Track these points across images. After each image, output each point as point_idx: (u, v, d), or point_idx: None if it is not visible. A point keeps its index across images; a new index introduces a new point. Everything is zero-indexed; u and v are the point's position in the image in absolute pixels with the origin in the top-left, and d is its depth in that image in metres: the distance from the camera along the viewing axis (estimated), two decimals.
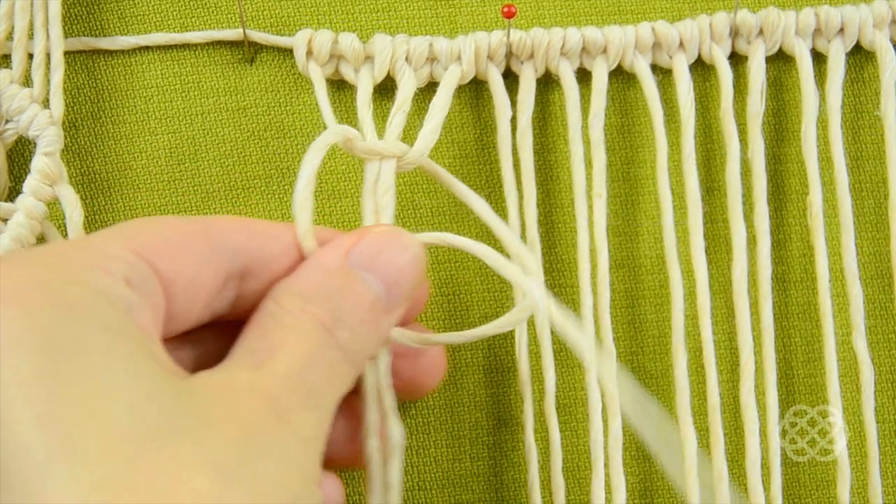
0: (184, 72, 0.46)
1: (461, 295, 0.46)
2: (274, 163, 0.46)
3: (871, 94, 0.46)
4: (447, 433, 0.46)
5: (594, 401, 0.44)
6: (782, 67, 0.46)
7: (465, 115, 0.46)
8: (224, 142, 0.46)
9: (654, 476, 0.46)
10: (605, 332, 0.44)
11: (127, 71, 0.46)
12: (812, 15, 0.45)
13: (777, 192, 0.46)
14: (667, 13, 0.46)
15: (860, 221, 0.46)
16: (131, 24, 0.46)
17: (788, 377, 0.46)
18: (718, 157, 0.46)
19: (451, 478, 0.46)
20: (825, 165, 0.45)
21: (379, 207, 0.41)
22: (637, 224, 0.46)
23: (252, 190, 0.46)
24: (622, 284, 0.46)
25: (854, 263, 0.44)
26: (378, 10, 0.46)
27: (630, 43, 0.45)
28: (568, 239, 0.46)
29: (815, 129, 0.45)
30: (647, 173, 0.46)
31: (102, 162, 0.46)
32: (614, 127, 0.46)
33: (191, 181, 0.46)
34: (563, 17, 0.46)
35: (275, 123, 0.46)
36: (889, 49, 0.45)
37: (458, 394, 0.46)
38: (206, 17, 0.46)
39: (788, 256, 0.46)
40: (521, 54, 0.45)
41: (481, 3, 0.46)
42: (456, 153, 0.46)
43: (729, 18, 0.45)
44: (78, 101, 0.46)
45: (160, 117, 0.46)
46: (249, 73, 0.46)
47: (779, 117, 0.46)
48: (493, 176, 0.46)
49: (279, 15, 0.46)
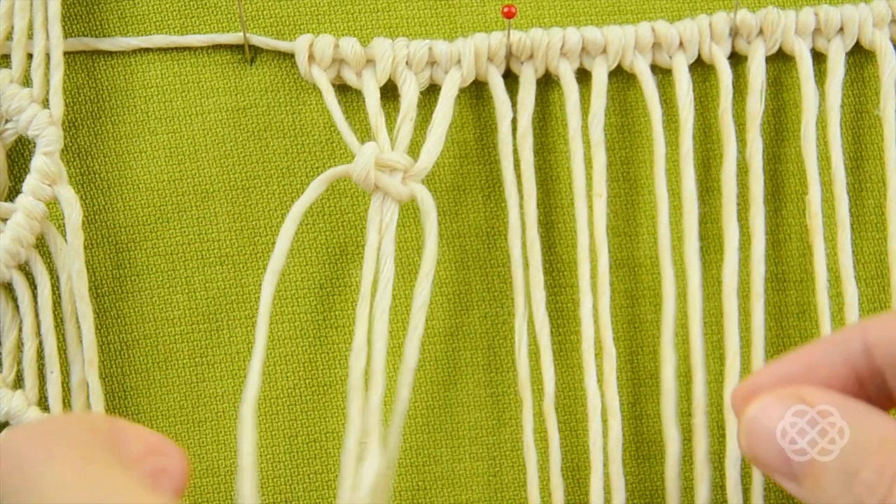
0: (184, 72, 0.46)
1: (461, 295, 0.46)
2: (274, 163, 0.46)
3: (871, 94, 0.46)
4: (447, 433, 0.46)
5: (594, 401, 0.44)
6: (782, 67, 0.46)
7: (466, 115, 0.46)
8: (224, 142, 0.46)
9: (654, 476, 0.46)
10: (605, 331, 0.44)
11: (127, 71, 0.46)
12: (812, 14, 0.45)
13: (776, 192, 0.46)
14: (666, 13, 0.46)
15: (860, 221, 0.46)
16: (131, 25, 0.46)
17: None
18: (718, 156, 0.46)
19: (451, 478, 0.46)
20: (825, 165, 0.45)
21: (383, 222, 0.43)
22: (637, 224, 0.46)
23: (252, 190, 0.46)
24: (622, 284, 0.46)
25: (850, 263, 0.44)
26: (378, 11, 0.46)
27: (630, 43, 0.45)
28: (568, 239, 0.46)
29: (814, 128, 0.45)
30: (646, 173, 0.46)
31: (102, 162, 0.46)
32: (614, 127, 0.46)
33: (191, 181, 0.46)
34: (562, 16, 0.46)
35: (275, 123, 0.46)
36: (889, 48, 0.45)
37: (458, 394, 0.46)
38: (206, 17, 0.46)
39: (787, 256, 0.46)
40: (520, 55, 0.45)
41: (481, 3, 0.46)
42: (456, 153, 0.46)
43: (729, 18, 0.45)
44: (78, 101, 0.46)
45: (160, 117, 0.46)
46: (249, 73, 0.46)
47: (778, 117, 0.46)
48: (493, 176, 0.46)
49: (279, 15, 0.46)
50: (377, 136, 0.44)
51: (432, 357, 0.46)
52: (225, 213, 0.46)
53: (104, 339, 0.46)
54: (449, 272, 0.46)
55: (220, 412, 0.46)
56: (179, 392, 0.46)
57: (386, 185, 0.44)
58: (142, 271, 0.46)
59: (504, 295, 0.46)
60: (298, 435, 0.46)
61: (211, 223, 0.46)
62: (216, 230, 0.46)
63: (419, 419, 0.46)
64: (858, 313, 0.44)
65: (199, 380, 0.46)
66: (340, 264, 0.46)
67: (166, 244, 0.46)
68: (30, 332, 0.44)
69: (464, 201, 0.46)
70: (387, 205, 0.44)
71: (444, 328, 0.46)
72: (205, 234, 0.46)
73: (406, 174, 0.44)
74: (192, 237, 0.46)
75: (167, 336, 0.46)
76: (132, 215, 0.46)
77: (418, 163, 0.44)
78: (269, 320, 0.43)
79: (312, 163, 0.46)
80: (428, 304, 0.43)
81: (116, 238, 0.46)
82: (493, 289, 0.46)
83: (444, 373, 0.46)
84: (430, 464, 0.46)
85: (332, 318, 0.46)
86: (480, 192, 0.46)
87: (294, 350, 0.46)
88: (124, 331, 0.46)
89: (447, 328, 0.46)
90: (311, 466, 0.46)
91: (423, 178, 0.44)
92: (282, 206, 0.46)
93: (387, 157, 0.44)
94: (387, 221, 0.44)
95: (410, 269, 0.46)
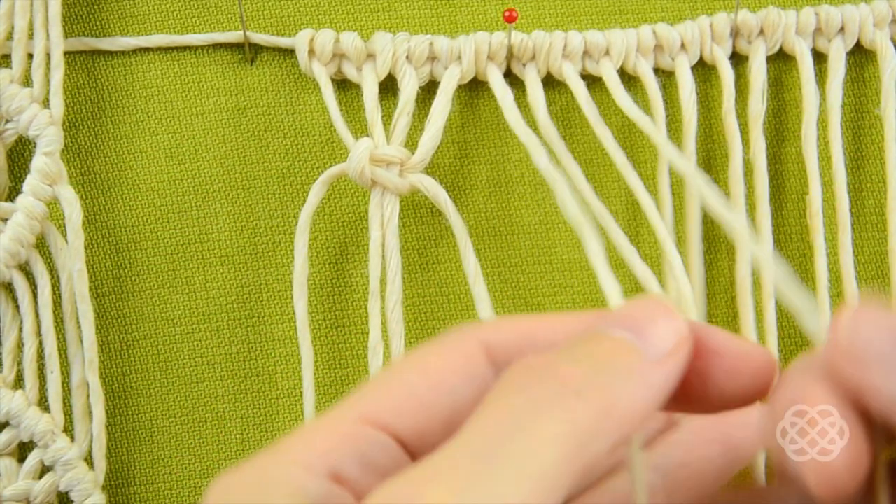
0: (184, 72, 0.46)
1: (461, 295, 0.46)
2: (274, 163, 0.46)
3: (871, 94, 0.46)
4: None
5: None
6: (783, 67, 0.46)
7: (466, 114, 0.46)
8: (224, 142, 0.46)
9: None
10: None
11: (127, 71, 0.46)
12: (812, 14, 0.45)
13: (777, 192, 0.46)
14: (667, 13, 0.46)
15: (860, 221, 0.46)
16: (131, 25, 0.46)
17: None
18: (719, 157, 0.46)
19: None
20: (825, 165, 0.45)
21: (384, 217, 0.43)
22: (637, 224, 0.46)
23: (252, 190, 0.46)
24: (622, 284, 0.46)
25: (851, 263, 0.44)
26: (378, 10, 0.46)
27: (632, 45, 0.45)
28: (568, 239, 0.46)
29: (815, 128, 0.45)
30: (647, 173, 0.46)
31: (102, 162, 0.46)
32: (615, 127, 0.46)
33: (191, 181, 0.46)
34: (563, 18, 0.46)
35: (275, 123, 0.46)
36: (889, 48, 0.45)
37: None
38: (206, 17, 0.46)
39: (788, 256, 0.46)
40: (522, 57, 0.45)
41: (482, 3, 0.46)
42: (456, 153, 0.46)
43: (730, 19, 0.45)
44: (78, 101, 0.46)
45: (160, 117, 0.46)
46: (250, 73, 0.46)
47: (779, 117, 0.46)
48: (494, 175, 0.46)
49: (279, 15, 0.46)
50: (373, 130, 0.44)
51: None
52: (225, 213, 0.46)
53: (104, 339, 0.46)
54: (449, 272, 0.46)
55: (220, 412, 0.46)
56: (179, 392, 0.46)
57: (383, 179, 0.43)
58: (142, 271, 0.46)
59: (504, 295, 0.46)
60: None
61: (211, 223, 0.46)
62: (216, 230, 0.46)
63: None
64: None
65: (199, 380, 0.46)
66: (341, 264, 0.46)
67: (166, 244, 0.46)
68: (30, 332, 0.44)
69: (464, 201, 0.46)
70: (387, 199, 0.44)
71: (443, 328, 0.46)
72: (205, 234, 0.46)
73: (403, 167, 0.44)
74: (192, 237, 0.46)
75: (167, 336, 0.46)
76: (132, 215, 0.46)
77: (415, 156, 0.44)
78: (309, 334, 0.44)
79: (312, 163, 0.46)
80: (481, 274, 0.43)
81: (116, 238, 0.46)
82: (492, 289, 0.46)
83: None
84: None
85: (333, 318, 0.46)
86: (480, 191, 0.46)
87: (295, 350, 0.46)
88: (124, 331, 0.46)
89: (447, 328, 0.46)
90: None
91: (421, 171, 0.44)
92: (282, 206, 0.46)
93: (382, 151, 0.44)
94: (388, 216, 0.44)
95: (412, 266, 0.46)
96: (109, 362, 0.46)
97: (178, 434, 0.46)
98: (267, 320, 0.46)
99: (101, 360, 0.45)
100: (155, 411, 0.46)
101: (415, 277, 0.46)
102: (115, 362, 0.46)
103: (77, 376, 0.44)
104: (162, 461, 0.46)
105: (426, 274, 0.46)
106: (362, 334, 0.46)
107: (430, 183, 0.44)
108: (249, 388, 0.46)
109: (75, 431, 0.44)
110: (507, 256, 0.46)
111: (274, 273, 0.46)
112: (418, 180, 0.44)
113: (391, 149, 0.44)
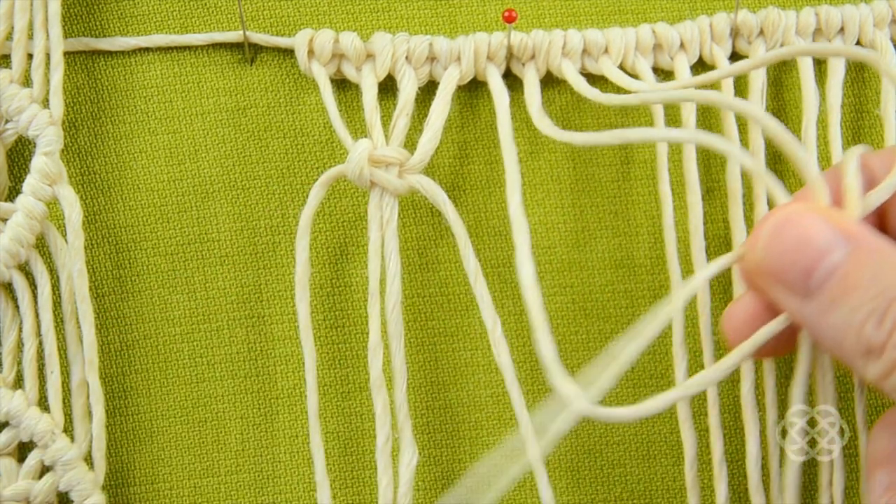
0: (184, 72, 0.46)
1: (461, 295, 0.46)
2: (274, 163, 0.46)
3: (871, 94, 0.46)
4: (447, 433, 0.46)
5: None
6: (782, 67, 0.46)
7: (466, 115, 0.46)
8: (224, 142, 0.46)
9: (654, 476, 0.46)
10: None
11: (127, 71, 0.46)
12: (812, 14, 0.45)
13: None
14: (667, 13, 0.46)
15: None
16: (131, 25, 0.46)
17: (788, 377, 0.46)
18: (719, 157, 0.46)
19: (452, 478, 0.46)
20: (825, 165, 0.45)
21: (384, 217, 0.43)
22: (637, 224, 0.46)
23: (252, 190, 0.46)
24: (622, 284, 0.46)
25: None
26: (378, 10, 0.46)
27: (631, 44, 0.45)
28: (568, 239, 0.46)
29: (815, 128, 0.45)
30: (647, 173, 0.46)
31: (102, 162, 0.46)
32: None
33: (191, 181, 0.46)
34: (563, 18, 0.46)
35: (275, 123, 0.46)
36: (889, 48, 0.45)
37: (458, 394, 0.46)
38: (206, 17, 0.46)
39: None
40: (522, 56, 0.45)
41: (481, 3, 0.46)
42: (456, 153, 0.46)
43: (729, 19, 0.45)
44: (78, 101, 0.46)
45: (160, 117, 0.46)
46: (249, 73, 0.46)
47: (779, 117, 0.46)
48: (493, 176, 0.46)
49: (279, 15, 0.46)
50: (372, 131, 0.44)
51: (432, 357, 0.46)
52: (225, 213, 0.46)
53: (104, 340, 0.46)
54: (449, 272, 0.46)
55: (220, 412, 0.46)
56: (179, 392, 0.46)
57: (382, 180, 0.43)
58: (142, 271, 0.46)
59: (504, 295, 0.46)
60: (299, 435, 0.46)
61: (211, 223, 0.46)
62: (216, 230, 0.46)
63: (419, 419, 0.46)
64: None
65: (199, 380, 0.46)
66: (341, 265, 0.46)
67: (166, 244, 0.46)
68: (30, 332, 0.44)
69: (463, 201, 0.46)
70: (385, 200, 0.44)
71: (444, 328, 0.46)
72: (205, 234, 0.46)
73: (402, 168, 0.44)
74: (192, 237, 0.46)
75: (167, 336, 0.46)
76: (132, 215, 0.46)
77: (414, 156, 0.44)
78: (312, 334, 0.44)
79: (312, 163, 0.46)
80: (481, 274, 0.43)
81: (116, 238, 0.46)
82: (492, 289, 0.46)
83: (445, 373, 0.46)
84: (430, 464, 0.46)
85: (333, 319, 0.46)
86: (480, 191, 0.46)
87: (295, 350, 0.46)
88: (124, 331, 0.46)
89: (447, 328, 0.46)
90: (310, 467, 0.46)
91: (420, 171, 0.44)
92: (282, 206, 0.46)
93: (380, 152, 0.44)
94: (387, 217, 0.44)
95: (412, 266, 0.46)
96: (109, 362, 0.46)
97: (178, 434, 0.46)
98: (267, 320, 0.46)
99: (101, 360, 0.45)
100: (155, 411, 0.46)
101: (415, 277, 0.46)
102: (115, 362, 0.46)
103: (77, 376, 0.44)
104: (162, 461, 0.46)
105: (426, 274, 0.46)
106: (362, 334, 0.46)
107: (429, 184, 0.44)
108: (249, 388, 0.46)
109: (75, 431, 0.44)
110: (507, 256, 0.46)
111: (274, 273, 0.46)
112: (417, 181, 0.44)
113: (390, 150, 0.44)
